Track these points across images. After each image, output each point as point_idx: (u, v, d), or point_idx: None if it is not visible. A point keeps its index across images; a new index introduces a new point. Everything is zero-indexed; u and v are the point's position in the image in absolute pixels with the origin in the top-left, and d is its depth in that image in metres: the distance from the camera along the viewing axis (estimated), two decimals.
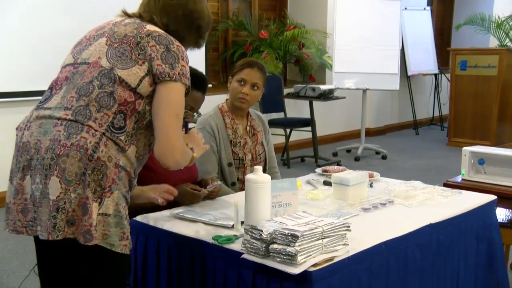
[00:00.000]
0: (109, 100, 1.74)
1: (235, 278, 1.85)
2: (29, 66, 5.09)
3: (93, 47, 1.84)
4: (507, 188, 3.00)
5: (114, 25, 1.89)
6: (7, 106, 5.03)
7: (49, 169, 1.69)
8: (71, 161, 1.68)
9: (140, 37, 1.80)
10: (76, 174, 1.68)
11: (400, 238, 2.03)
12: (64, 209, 1.67)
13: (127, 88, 1.76)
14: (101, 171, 1.70)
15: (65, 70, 1.87)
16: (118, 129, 1.74)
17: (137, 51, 1.78)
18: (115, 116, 1.74)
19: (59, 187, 1.68)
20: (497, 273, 2.54)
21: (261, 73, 2.81)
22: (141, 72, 1.77)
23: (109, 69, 1.77)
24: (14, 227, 1.77)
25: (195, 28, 1.97)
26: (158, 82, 1.77)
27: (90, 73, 1.78)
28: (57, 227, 1.68)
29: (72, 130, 1.71)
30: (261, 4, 7.80)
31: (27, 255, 3.91)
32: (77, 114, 1.73)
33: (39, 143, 1.73)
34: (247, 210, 1.98)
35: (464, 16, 9.31)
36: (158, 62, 1.77)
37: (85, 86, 1.76)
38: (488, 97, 7.60)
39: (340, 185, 2.42)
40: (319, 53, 7.60)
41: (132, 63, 1.77)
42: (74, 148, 1.68)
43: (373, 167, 6.03)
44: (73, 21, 5.30)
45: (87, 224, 1.68)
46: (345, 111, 8.17)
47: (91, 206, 1.68)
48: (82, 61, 1.83)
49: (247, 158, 2.82)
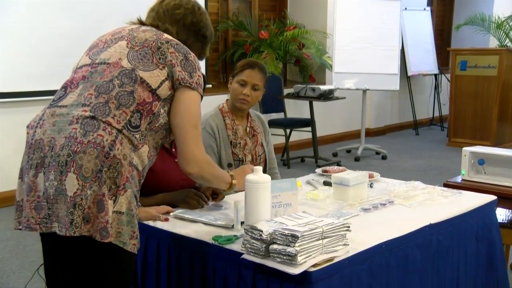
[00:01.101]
0: (128, 99, 1.78)
1: (235, 278, 1.85)
2: (29, 66, 5.09)
3: (113, 49, 1.88)
4: (507, 188, 3.00)
5: (132, 31, 1.94)
6: (7, 106, 5.04)
7: (65, 165, 1.70)
8: (88, 157, 1.70)
9: (160, 42, 1.87)
10: (92, 171, 1.70)
11: (400, 238, 2.03)
12: (80, 206, 1.69)
13: (147, 89, 1.81)
14: (117, 169, 1.72)
15: (81, 71, 1.90)
16: (134, 128, 1.78)
17: (158, 55, 1.84)
18: (133, 114, 1.78)
19: (76, 184, 1.69)
20: (497, 273, 2.54)
21: (261, 74, 2.81)
22: (162, 76, 1.83)
23: (131, 69, 1.82)
24: (28, 224, 1.78)
25: (201, 37, 2.06)
26: (179, 88, 1.84)
27: (110, 73, 1.82)
28: (74, 223, 1.69)
29: (88, 127, 1.73)
30: (261, 4, 7.81)
31: (27, 255, 3.92)
32: (96, 110, 1.76)
33: (53, 140, 1.75)
34: (247, 210, 1.98)
35: (464, 16, 9.32)
36: (179, 68, 1.84)
37: (105, 84, 1.80)
38: (488, 97, 7.60)
39: (340, 185, 2.42)
40: (319, 53, 7.60)
41: (154, 66, 1.83)
42: (91, 145, 1.71)
43: (373, 167, 6.04)
44: (73, 21, 5.31)
45: (103, 221, 1.70)
46: (345, 111, 8.17)
47: (107, 203, 1.70)
48: (101, 61, 1.87)
49: (247, 159, 2.82)
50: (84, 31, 5.40)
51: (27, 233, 4.35)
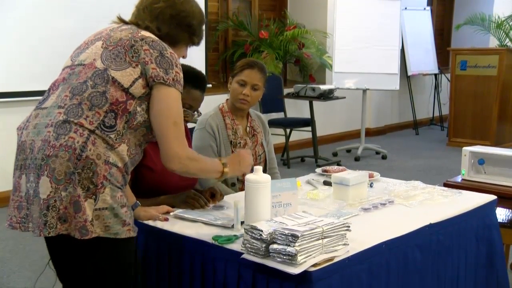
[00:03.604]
0: (101, 99, 1.79)
1: (235, 278, 1.85)
2: (28, 66, 5.09)
3: (90, 50, 1.91)
4: (507, 188, 2.99)
5: (111, 31, 1.95)
6: (7, 106, 5.04)
7: (40, 169, 1.75)
8: (60, 161, 1.73)
9: (134, 40, 1.86)
10: (65, 173, 1.73)
11: (400, 238, 2.03)
12: (54, 207, 1.73)
13: (120, 88, 1.81)
14: (91, 169, 1.74)
15: (63, 72, 1.95)
16: (108, 128, 1.78)
17: (131, 53, 1.84)
18: (106, 114, 1.79)
19: (49, 186, 1.73)
20: (497, 273, 2.54)
21: (261, 74, 2.81)
22: (135, 74, 1.82)
23: (103, 69, 1.82)
24: (10, 222, 1.86)
25: (186, 27, 2.01)
26: (153, 85, 1.83)
27: (85, 74, 1.84)
28: (48, 224, 1.73)
29: (60, 131, 1.76)
30: (261, 4, 7.81)
31: (27, 255, 3.91)
32: (69, 112, 1.78)
33: (33, 143, 1.80)
34: (247, 210, 1.98)
35: (464, 16, 9.31)
36: (153, 66, 1.82)
37: (79, 86, 1.82)
38: (488, 97, 7.60)
39: (340, 185, 2.42)
40: (319, 53, 7.60)
41: (126, 65, 1.82)
42: (62, 148, 1.74)
43: (373, 167, 6.03)
44: (72, 22, 5.31)
45: (81, 220, 1.73)
46: (345, 111, 8.17)
47: (84, 203, 1.73)
48: (78, 63, 1.90)
49: None
50: (84, 32, 5.35)
51: (27, 233, 4.34)
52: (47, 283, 3.48)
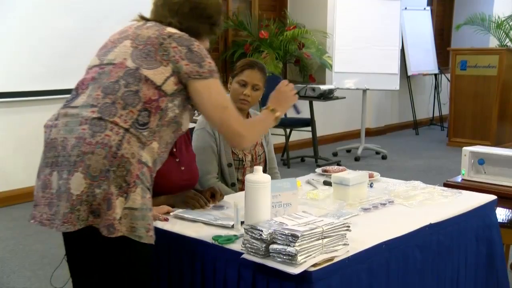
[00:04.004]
0: (134, 98, 1.81)
1: (235, 278, 1.85)
2: (29, 66, 5.09)
3: (118, 49, 1.92)
4: (507, 188, 2.99)
5: (137, 28, 1.96)
6: (7, 106, 5.04)
7: (74, 165, 1.75)
8: (96, 158, 1.74)
9: (162, 38, 1.87)
10: (101, 171, 1.74)
11: (400, 238, 2.03)
12: (87, 202, 1.74)
13: (152, 86, 1.83)
14: (126, 168, 1.75)
15: (91, 71, 1.93)
16: (142, 125, 1.81)
17: (161, 51, 1.85)
18: (140, 113, 1.81)
19: (83, 182, 1.74)
20: (497, 273, 2.54)
21: (261, 74, 2.81)
22: (166, 73, 1.84)
23: (135, 69, 1.84)
24: (41, 219, 1.83)
25: (206, 18, 2.03)
26: (190, 81, 1.85)
27: (116, 73, 1.85)
28: (81, 218, 1.74)
29: (96, 128, 1.77)
30: (261, 4, 7.80)
31: (27, 255, 3.91)
32: (103, 111, 1.80)
33: (65, 140, 1.80)
34: (247, 210, 1.98)
35: (464, 16, 9.32)
36: (185, 62, 1.85)
37: (111, 85, 1.83)
38: (488, 97, 7.60)
39: (340, 185, 2.42)
40: (319, 53, 7.60)
41: (157, 64, 1.84)
42: (99, 145, 1.75)
43: (373, 167, 6.03)
44: (72, 21, 5.31)
45: (110, 218, 1.74)
46: (345, 111, 8.17)
47: (115, 201, 1.74)
48: (108, 62, 1.91)
49: (247, 159, 2.82)
50: (84, 31, 5.41)
51: (27, 233, 4.35)
52: (47, 283, 3.48)
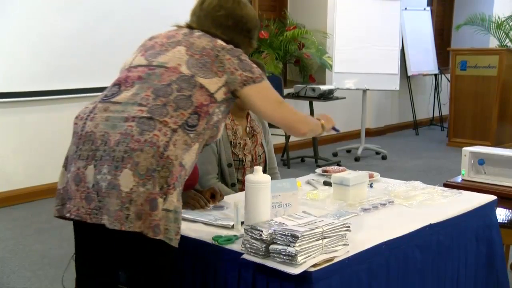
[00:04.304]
0: (186, 102, 1.86)
1: (235, 278, 1.85)
2: (28, 66, 5.10)
3: (171, 53, 1.95)
4: (507, 188, 2.99)
5: (187, 36, 2.00)
6: (7, 106, 5.04)
7: (121, 161, 1.76)
8: (145, 156, 1.75)
9: (217, 50, 1.95)
10: (147, 170, 1.75)
11: (400, 238, 2.03)
12: (135, 202, 1.74)
13: (206, 93, 1.89)
14: (169, 169, 1.78)
15: (137, 70, 1.95)
16: (190, 127, 1.85)
17: (217, 63, 1.93)
18: (190, 116, 1.86)
19: (132, 180, 1.75)
20: (497, 273, 2.54)
21: None
22: (219, 83, 1.92)
23: (190, 76, 1.89)
24: (78, 213, 1.82)
25: (246, 32, 2.11)
26: (245, 88, 1.94)
27: (168, 77, 1.89)
28: (129, 218, 1.75)
29: (144, 127, 1.79)
30: (261, 4, 7.80)
31: (27, 255, 3.91)
32: (153, 111, 1.82)
33: (106, 135, 1.80)
34: (247, 210, 1.98)
35: (464, 16, 9.32)
36: (239, 72, 1.94)
37: (163, 88, 1.87)
38: (488, 97, 7.60)
39: (340, 185, 2.42)
40: (319, 53, 7.60)
41: (213, 75, 1.91)
42: (147, 144, 1.76)
43: (373, 167, 6.03)
44: (73, 21, 5.31)
45: (156, 219, 1.75)
46: (345, 111, 8.16)
47: (159, 202, 1.76)
48: (159, 64, 1.94)
49: (247, 159, 2.82)
50: (84, 31, 5.41)
51: (27, 233, 4.35)
52: (47, 283, 3.48)
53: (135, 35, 6.58)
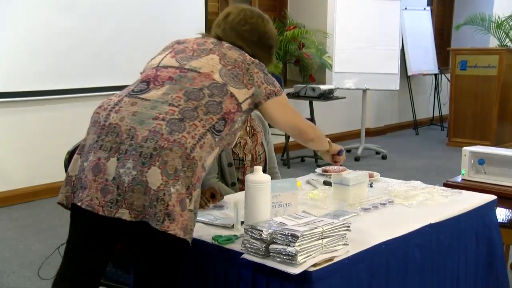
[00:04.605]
0: (216, 108, 1.92)
1: (235, 278, 1.85)
2: (28, 66, 5.09)
3: (204, 60, 2.01)
4: (507, 188, 2.99)
5: (217, 46, 2.07)
6: (7, 106, 5.04)
7: (149, 158, 1.77)
8: (173, 155, 1.78)
9: (247, 63, 2.03)
10: (176, 169, 1.78)
11: (400, 238, 2.03)
12: (163, 201, 1.76)
13: (234, 102, 1.96)
14: (193, 169, 1.82)
15: (167, 71, 1.99)
16: (217, 131, 1.91)
17: (247, 76, 2.01)
18: (218, 121, 1.92)
19: (159, 178, 1.76)
20: (497, 273, 2.54)
21: None
22: (247, 94, 2.00)
23: (222, 84, 1.96)
24: (90, 203, 1.82)
25: (268, 48, 2.19)
26: (268, 101, 2.03)
27: (200, 82, 1.95)
28: (156, 216, 1.76)
29: (174, 127, 1.82)
30: (261, 4, 7.80)
31: (27, 255, 3.91)
32: (184, 113, 1.86)
33: (133, 130, 1.82)
34: (247, 210, 1.98)
35: (464, 16, 9.32)
36: (265, 85, 2.03)
37: (195, 92, 1.92)
38: (488, 97, 7.60)
39: (340, 185, 2.42)
40: (319, 53, 7.60)
41: (242, 86, 1.99)
42: (176, 144, 1.80)
43: (373, 167, 6.03)
44: (72, 21, 5.31)
45: (186, 219, 1.80)
46: (345, 111, 8.17)
47: (187, 202, 1.80)
48: (191, 68, 1.99)
49: (247, 159, 2.82)
50: (84, 31, 5.41)
51: (27, 233, 4.35)
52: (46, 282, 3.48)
53: (135, 35, 6.62)
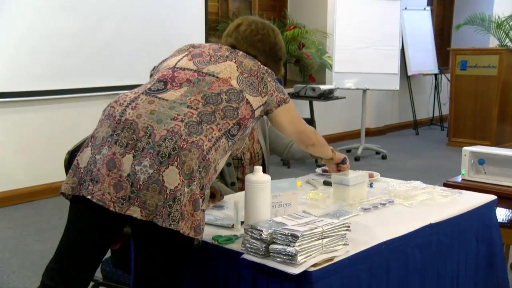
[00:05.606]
0: (233, 113, 1.97)
1: (235, 278, 1.85)
2: (28, 66, 5.09)
3: (222, 65, 2.05)
4: (507, 188, 2.99)
5: (233, 54, 2.11)
6: (7, 106, 5.04)
7: (167, 157, 1.79)
8: (191, 156, 1.81)
9: (262, 73, 2.09)
10: (192, 170, 1.81)
11: (400, 238, 2.03)
12: (179, 201, 1.77)
13: (249, 108, 2.02)
14: (206, 170, 1.86)
15: (185, 73, 2.02)
16: (232, 136, 1.96)
17: (262, 85, 2.07)
18: (233, 126, 1.96)
19: (177, 178, 1.78)
20: (497, 273, 2.54)
21: None
22: (261, 102, 2.06)
23: (239, 90, 2.01)
24: (102, 198, 1.81)
25: (277, 59, 2.27)
26: (277, 109, 2.11)
27: (218, 87, 1.99)
28: (171, 216, 1.77)
29: (193, 129, 1.85)
30: (261, 4, 7.81)
31: (27, 255, 3.91)
32: (203, 116, 1.90)
33: (151, 128, 1.83)
34: (247, 210, 1.98)
35: (464, 16, 9.31)
36: (276, 93, 2.11)
37: (214, 96, 1.96)
38: (488, 97, 7.60)
39: (340, 185, 2.42)
40: (319, 53, 7.60)
41: (257, 94, 2.05)
42: (194, 145, 1.83)
43: (373, 167, 6.03)
44: (73, 21, 5.31)
45: (198, 219, 1.82)
46: (345, 111, 8.17)
47: (200, 202, 1.83)
48: (209, 72, 2.02)
49: (246, 157, 2.82)
50: (84, 31, 5.41)
51: (27, 233, 4.35)
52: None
53: (135, 35, 6.63)
